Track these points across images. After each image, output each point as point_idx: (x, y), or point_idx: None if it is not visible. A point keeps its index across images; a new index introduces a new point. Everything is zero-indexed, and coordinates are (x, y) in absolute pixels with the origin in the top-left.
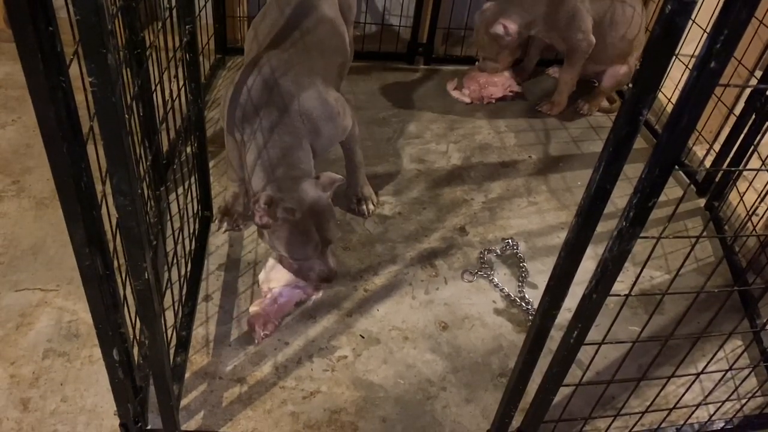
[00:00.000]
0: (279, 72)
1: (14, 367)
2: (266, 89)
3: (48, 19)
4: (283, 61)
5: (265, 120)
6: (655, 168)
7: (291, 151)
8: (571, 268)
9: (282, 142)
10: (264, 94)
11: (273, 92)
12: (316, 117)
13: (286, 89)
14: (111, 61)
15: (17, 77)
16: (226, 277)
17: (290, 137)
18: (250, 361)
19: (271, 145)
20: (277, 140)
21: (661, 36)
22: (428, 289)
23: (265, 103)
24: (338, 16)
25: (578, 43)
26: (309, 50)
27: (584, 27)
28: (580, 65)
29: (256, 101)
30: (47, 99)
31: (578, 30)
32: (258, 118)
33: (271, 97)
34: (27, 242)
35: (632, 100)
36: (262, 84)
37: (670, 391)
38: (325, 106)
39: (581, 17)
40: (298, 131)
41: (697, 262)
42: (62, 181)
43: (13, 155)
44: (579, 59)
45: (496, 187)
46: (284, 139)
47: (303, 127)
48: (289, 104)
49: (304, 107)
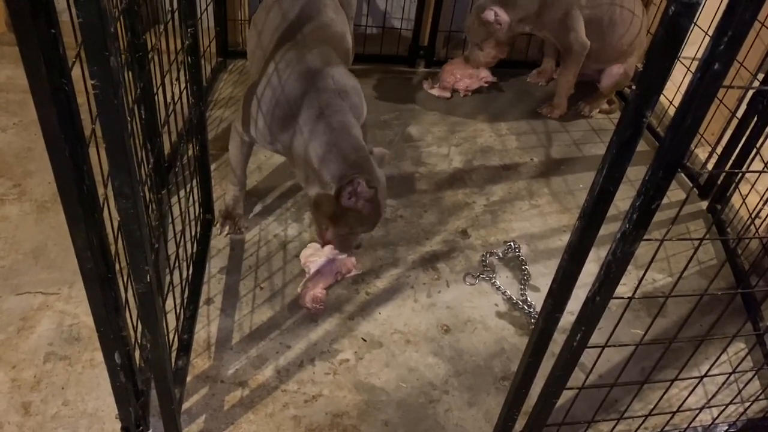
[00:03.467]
0: (314, 63)
1: (15, 371)
2: (300, 80)
3: (50, 22)
4: (302, 53)
5: (310, 109)
6: (659, 170)
7: (349, 130)
8: (574, 270)
9: (337, 123)
10: (297, 85)
11: (306, 81)
12: (349, 90)
13: (318, 73)
14: (113, 64)
15: (18, 81)
16: (228, 281)
17: (341, 116)
18: (251, 365)
19: (328, 129)
20: (331, 124)
21: (664, 38)
22: (430, 292)
23: (307, 93)
24: (340, 11)
25: (571, 44)
26: (321, 41)
27: (576, 28)
28: (576, 67)
29: (295, 94)
30: (50, 102)
31: (570, 30)
32: (302, 110)
33: (308, 85)
34: (28, 245)
35: (635, 102)
36: (301, 76)
37: (674, 395)
38: (352, 80)
39: (573, 18)
40: (344, 108)
41: (699, 264)
42: (64, 183)
43: (15, 159)
44: (574, 61)
45: (498, 189)
46: (337, 119)
47: (344, 103)
48: (327, 86)
49: (339, 84)
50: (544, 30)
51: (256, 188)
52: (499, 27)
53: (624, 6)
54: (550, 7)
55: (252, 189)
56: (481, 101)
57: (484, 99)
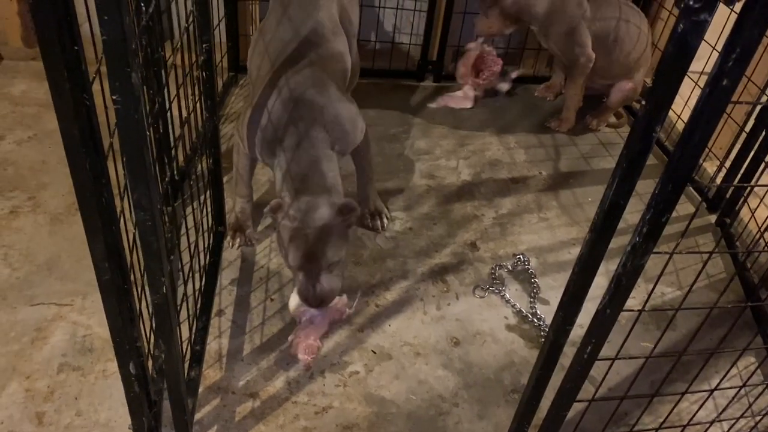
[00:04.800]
0: (299, 89)
1: (29, 381)
2: (289, 107)
3: (73, 38)
4: (300, 79)
5: (291, 137)
6: (668, 184)
7: (316, 165)
8: (585, 283)
9: (308, 156)
10: (287, 112)
11: (296, 109)
12: (342, 120)
13: (309, 103)
14: (135, 80)
15: (34, 95)
16: (239, 292)
17: (315, 150)
18: (262, 376)
19: (298, 159)
20: (303, 155)
21: (674, 55)
22: (440, 305)
23: (290, 120)
24: (339, 30)
25: (577, 57)
26: (319, 63)
27: (582, 41)
28: (581, 80)
29: (280, 121)
30: (72, 116)
31: (576, 44)
32: (285, 136)
33: (295, 114)
34: (42, 257)
35: (645, 117)
36: (285, 103)
37: (683, 408)
38: (347, 109)
39: (580, 32)
40: (322, 143)
41: (708, 278)
42: (84, 195)
43: (29, 171)
44: (579, 74)
45: (507, 202)
46: (310, 153)
47: (328, 137)
48: (314, 117)
49: (330, 115)
50: (550, 42)
51: (266, 200)
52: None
53: (630, 21)
54: (557, 15)
55: (262, 201)
56: (489, 115)
57: (493, 112)
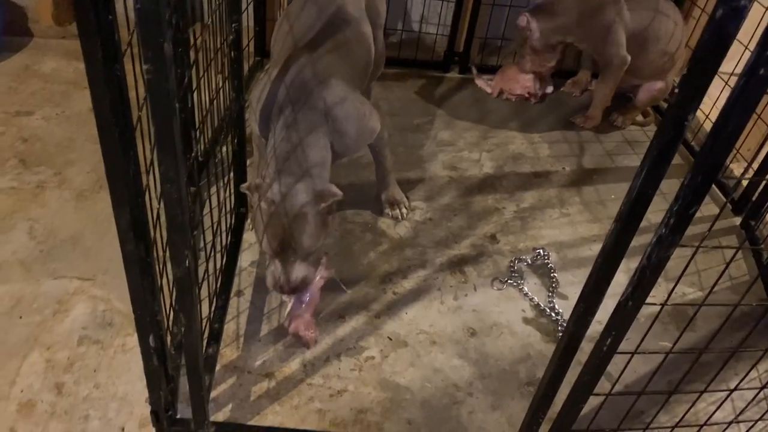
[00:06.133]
0: (306, 73)
1: (50, 352)
2: (293, 89)
3: (108, 8)
4: (311, 63)
5: (285, 117)
6: (698, 175)
7: (302, 147)
8: (608, 274)
9: (295, 137)
10: (290, 93)
11: (298, 91)
12: (341, 117)
13: (311, 88)
14: (167, 50)
15: (63, 73)
16: (258, 273)
17: (306, 133)
18: (278, 357)
19: (286, 139)
20: (292, 135)
21: (710, 42)
22: (457, 295)
23: (289, 101)
24: (363, 18)
25: (611, 58)
26: (335, 52)
27: (617, 41)
28: (615, 81)
29: (282, 101)
30: (104, 86)
31: (612, 44)
32: (280, 116)
33: (296, 96)
34: (66, 232)
35: (678, 104)
36: (290, 84)
37: (700, 409)
38: (349, 106)
39: (616, 32)
40: (317, 128)
41: (731, 280)
42: (112, 166)
43: (56, 148)
44: (613, 74)
45: (528, 197)
46: (299, 135)
47: (325, 126)
48: (313, 102)
49: (328, 105)
50: (584, 42)
51: None
52: (530, 34)
53: (669, 16)
54: (591, 19)
55: None
56: (514, 109)
57: (517, 107)
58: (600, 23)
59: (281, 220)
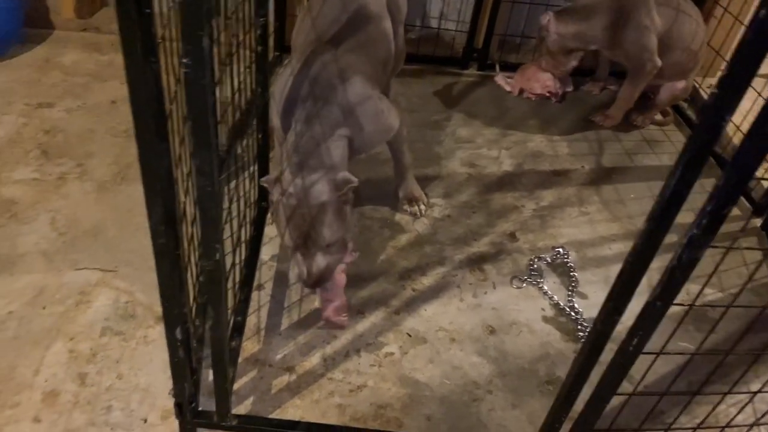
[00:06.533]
0: (328, 70)
1: (73, 343)
2: (314, 85)
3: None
4: (333, 60)
5: (304, 112)
6: (733, 174)
7: (322, 142)
8: (638, 274)
9: (315, 132)
10: (311, 89)
11: (319, 87)
12: (358, 112)
13: (333, 85)
14: (206, 44)
15: (84, 65)
16: (279, 268)
17: (324, 128)
18: (299, 351)
19: (304, 133)
20: (312, 130)
21: (752, 40)
22: (476, 293)
23: (310, 97)
24: (384, 14)
25: (643, 63)
26: (356, 48)
27: (650, 47)
28: (643, 85)
29: (303, 96)
30: (141, 79)
31: (644, 50)
32: (299, 111)
33: (317, 92)
34: (88, 223)
35: (715, 104)
36: (312, 80)
37: (721, 411)
38: (368, 102)
39: (647, 37)
40: (335, 123)
41: (752, 282)
42: (147, 157)
43: (77, 140)
44: (642, 79)
45: (548, 195)
46: (318, 129)
47: (343, 121)
48: (331, 97)
49: (346, 100)
50: (614, 49)
51: None
52: (547, 34)
53: (691, 15)
54: (623, 27)
55: None
56: (532, 106)
57: (536, 104)
58: (633, 30)
59: (302, 213)
